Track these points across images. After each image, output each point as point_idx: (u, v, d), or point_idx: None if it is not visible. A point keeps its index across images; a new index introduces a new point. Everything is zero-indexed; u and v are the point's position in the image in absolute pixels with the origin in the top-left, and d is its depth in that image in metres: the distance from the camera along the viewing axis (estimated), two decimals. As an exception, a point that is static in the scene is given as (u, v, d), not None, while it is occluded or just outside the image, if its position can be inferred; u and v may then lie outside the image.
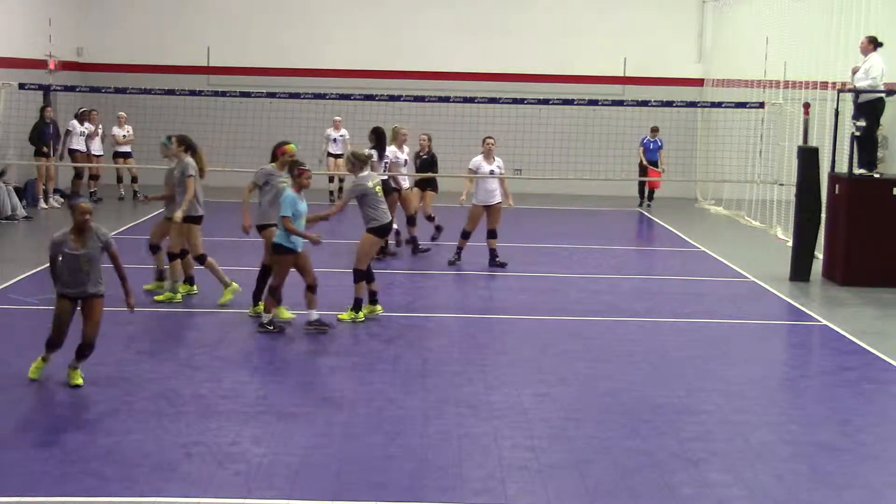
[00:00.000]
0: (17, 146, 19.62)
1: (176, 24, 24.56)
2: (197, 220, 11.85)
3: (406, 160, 15.68)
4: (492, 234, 14.62)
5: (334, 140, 22.58)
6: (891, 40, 15.17)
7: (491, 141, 14.82)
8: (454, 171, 17.67)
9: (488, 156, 14.66)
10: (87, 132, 21.02)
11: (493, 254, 14.64)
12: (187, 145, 12.06)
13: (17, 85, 17.88)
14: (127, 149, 21.93)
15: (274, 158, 11.41)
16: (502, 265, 14.52)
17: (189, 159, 11.86)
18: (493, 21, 24.57)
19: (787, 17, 19.43)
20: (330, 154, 22.05)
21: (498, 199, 14.60)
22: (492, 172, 14.60)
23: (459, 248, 14.78)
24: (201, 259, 11.85)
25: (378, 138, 15.08)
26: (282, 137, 19.93)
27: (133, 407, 8.19)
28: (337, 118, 22.23)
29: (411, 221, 15.63)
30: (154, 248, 12.28)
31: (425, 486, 6.75)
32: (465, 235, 14.77)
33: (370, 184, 11.19)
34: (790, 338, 11.71)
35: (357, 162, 11.29)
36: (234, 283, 11.87)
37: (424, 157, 16.48)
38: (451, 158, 18.40)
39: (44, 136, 19.47)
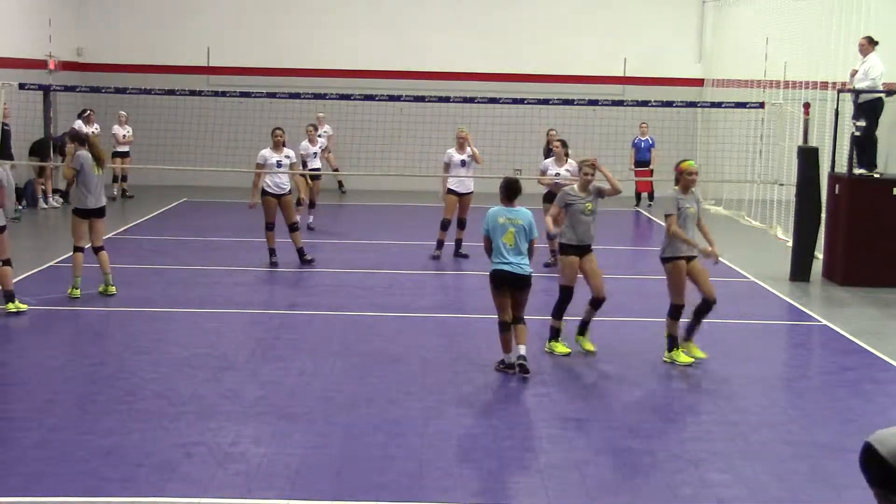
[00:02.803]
0: (16, 146, 19.61)
1: (176, 24, 24.57)
2: (82, 213, 11.83)
3: (464, 161, 15.20)
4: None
5: (319, 136, 22.67)
6: (890, 40, 15.17)
7: (557, 143, 14.78)
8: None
9: (559, 159, 14.62)
10: (91, 133, 21.03)
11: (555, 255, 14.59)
12: (78, 140, 12.06)
13: (18, 85, 17.87)
14: (125, 148, 21.93)
15: (677, 181, 10.29)
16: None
17: (78, 153, 11.84)
18: (493, 21, 24.58)
19: (787, 17, 19.43)
20: None
21: None
22: (557, 175, 14.54)
23: (553, 251, 14.51)
24: (79, 249, 11.85)
25: None
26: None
27: (133, 407, 8.19)
28: (320, 114, 22.25)
29: (463, 224, 15.28)
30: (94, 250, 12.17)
31: (425, 486, 6.75)
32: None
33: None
34: (790, 338, 11.70)
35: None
36: (77, 290, 11.84)
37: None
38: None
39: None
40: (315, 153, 17.58)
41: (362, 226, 19.13)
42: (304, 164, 18.81)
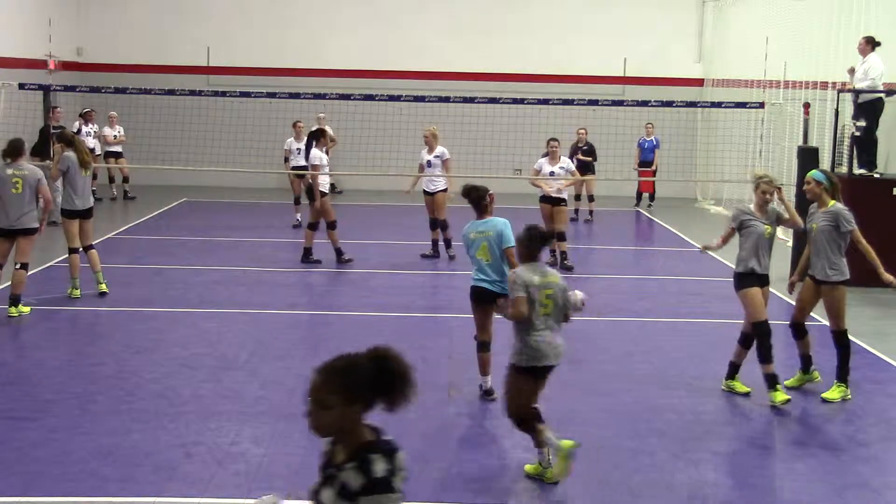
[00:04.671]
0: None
1: (176, 24, 24.57)
2: (71, 214, 11.94)
3: (429, 161, 15.18)
4: (559, 237, 14.45)
5: None
6: (890, 40, 15.16)
7: (555, 143, 14.84)
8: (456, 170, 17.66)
9: (553, 157, 14.68)
10: (93, 132, 21.05)
11: (562, 256, 14.59)
12: (65, 141, 12.18)
13: (17, 85, 17.87)
14: (118, 149, 21.92)
15: None
16: (569, 268, 14.40)
17: (64, 154, 11.95)
18: (493, 21, 24.58)
19: (787, 17, 19.43)
20: None
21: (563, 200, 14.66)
22: (552, 174, 14.54)
23: (553, 251, 14.52)
24: (73, 251, 11.97)
25: None
26: (282, 137, 20.10)
27: (133, 407, 8.19)
28: (321, 115, 22.22)
29: (443, 226, 15.20)
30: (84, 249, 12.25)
31: (425, 486, 6.75)
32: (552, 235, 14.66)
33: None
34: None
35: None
36: (77, 290, 11.94)
37: (584, 147, 20.02)
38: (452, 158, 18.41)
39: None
40: (298, 149, 17.59)
41: (362, 226, 19.13)
42: (286, 160, 18.80)
